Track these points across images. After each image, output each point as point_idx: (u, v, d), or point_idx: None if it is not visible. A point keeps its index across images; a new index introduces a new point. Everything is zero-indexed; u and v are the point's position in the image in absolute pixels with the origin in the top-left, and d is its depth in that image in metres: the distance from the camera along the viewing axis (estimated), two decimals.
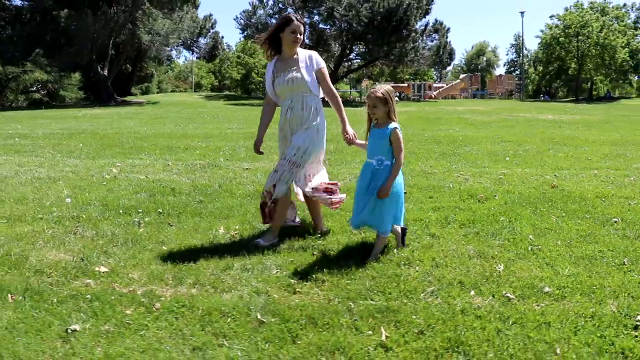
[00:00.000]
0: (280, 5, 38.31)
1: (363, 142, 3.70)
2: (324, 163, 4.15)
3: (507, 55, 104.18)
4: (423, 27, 36.44)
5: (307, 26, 3.95)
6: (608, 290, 2.97)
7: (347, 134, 3.77)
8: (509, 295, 2.92)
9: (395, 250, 3.58)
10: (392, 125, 3.41)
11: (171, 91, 61.03)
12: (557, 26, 42.50)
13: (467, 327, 2.53)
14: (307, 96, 3.80)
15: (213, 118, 17.42)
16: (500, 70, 76.24)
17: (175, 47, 34.58)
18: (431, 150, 8.96)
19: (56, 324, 2.50)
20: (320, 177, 4.02)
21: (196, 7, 37.71)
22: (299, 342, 2.36)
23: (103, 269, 3.30)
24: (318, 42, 33.33)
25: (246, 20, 37.05)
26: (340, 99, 3.88)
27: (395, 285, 3.05)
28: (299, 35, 3.76)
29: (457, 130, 12.64)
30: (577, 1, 45.20)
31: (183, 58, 58.74)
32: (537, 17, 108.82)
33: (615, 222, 4.41)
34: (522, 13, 42.03)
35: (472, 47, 78.32)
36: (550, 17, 44.27)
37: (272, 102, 4.01)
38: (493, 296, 2.92)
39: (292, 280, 3.10)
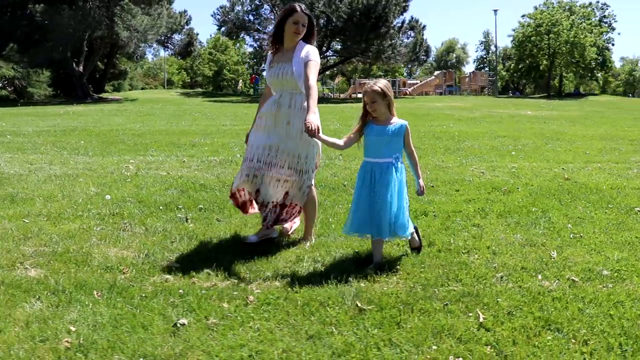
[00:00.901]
0: (257, 1, 38.26)
1: (332, 139, 3.34)
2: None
3: (476, 52, 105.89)
4: (400, 24, 36.93)
5: (312, 17, 3.69)
6: None
7: (309, 122, 3.17)
8: (573, 278, 3.12)
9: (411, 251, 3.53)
10: (402, 121, 3.29)
11: (141, 88, 60.07)
12: (529, 25, 43.56)
13: (551, 307, 2.70)
14: (296, 94, 3.61)
15: (201, 115, 17.32)
16: (469, 67, 77.68)
17: (149, 44, 34.01)
18: (435, 145, 9.19)
19: (159, 319, 2.53)
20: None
21: (170, 2, 37.25)
22: (404, 326, 2.50)
23: (174, 264, 3.35)
24: None
25: (223, 16, 36.87)
26: (315, 91, 3.42)
27: (466, 272, 3.21)
28: (300, 27, 3.57)
29: (450, 126, 12.94)
30: (546, 0, 46.45)
31: (155, 55, 57.65)
32: (509, 15, 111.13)
33: (638, 211, 4.68)
34: (495, 11, 42.91)
35: (442, 44, 79.41)
36: (523, 16, 45.42)
37: (269, 94, 3.83)
38: (558, 280, 3.11)
39: (368, 269, 3.22)
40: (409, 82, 52.50)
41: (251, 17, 37.88)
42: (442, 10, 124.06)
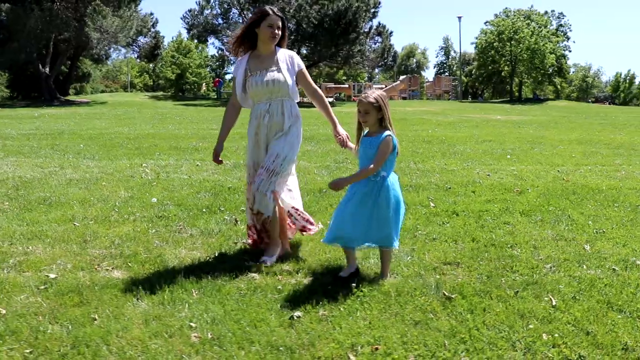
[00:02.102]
0: (225, 5, 38.13)
1: (355, 146, 3.36)
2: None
3: (436, 57, 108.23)
4: (367, 30, 37.58)
5: (287, 21, 3.62)
6: None
7: (340, 135, 3.45)
8: (614, 267, 3.51)
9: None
10: (386, 132, 3.13)
11: (102, 91, 58.76)
12: (491, 32, 45.08)
13: (607, 292, 3.08)
14: (287, 101, 3.50)
15: (183, 119, 17.29)
16: (429, 72, 79.54)
17: (114, 46, 33.36)
18: (430, 149, 9.61)
19: (270, 313, 2.72)
20: (298, 195, 3.82)
21: (136, 4, 36.71)
22: (492, 311, 2.81)
23: (249, 263, 3.54)
24: None
25: (192, 19, 36.60)
26: (326, 99, 3.59)
27: (519, 264, 3.56)
28: (276, 30, 3.44)
29: (435, 131, 13.43)
30: (506, 8, 48.22)
31: (115, 57, 56.49)
32: (470, 22, 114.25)
33: None
34: (459, 18, 44.15)
35: (402, 49, 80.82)
36: (485, 22, 46.95)
37: (238, 104, 3.64)
38: (601, 269, 3.50)
39: (433, 264, 3.53)
40: (375, 86, 53.38)
41: (220, 21, 37.74)
42: (405, 16, 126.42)
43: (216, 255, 3.72)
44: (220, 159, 3.74)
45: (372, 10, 34.61)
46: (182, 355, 2.30)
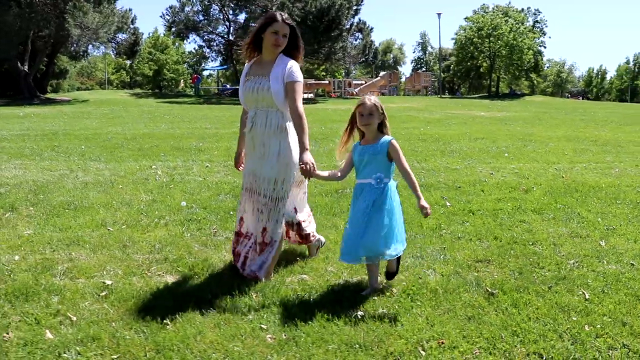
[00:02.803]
0: (206, 1, 37.95)
1: (328, 172, 3.29)
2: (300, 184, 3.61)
3: (414, 53, 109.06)
4: (348, 27, 37.83)
5: (296, 28, 3.43)
6: None
7: (304, 163, 3.05)
8: (632, 262, 3.79)
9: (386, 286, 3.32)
10: (387, 137, 3.10)
11: (77, 88, 57.80)
12: (470, 28, 45.77)
13: (632, 285, 3.34)
14: (272, 112, 3.31)
15: (174, 118, 17.26)
16: (406, 67, 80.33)
17: (95, 43, 32.87)
18: (427, 148, 9.88)
19: (334, 313, 2.89)
20: (307, 209, 3.75)
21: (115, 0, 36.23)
22: (532, 305, 3.05)
23: (291, 264, 3.71)
24: None
25: (172, 16, 36.34)
26: (305, 121, 3.22)
27: (544, 260, 3.81)
28: (281, 38, 3.31)
29: (427, 129, 13.73)
30: (483, 4, 49.03)
31: (99, 53, 55.66)
32: (450, 18, 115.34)
33: None
34: (439, 15, 44.69)
35: (380, 45, 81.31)
36: (465, 19, 47.63)
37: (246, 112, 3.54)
38: (620, 264, 3.77)
39: (466, 262, 3.76)
40: (354, 82, 53.67)
41: (201, 17, 37.53)
42: (381, 13, 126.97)
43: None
44: (240, 165, 3.71)
45: (355, 7, 34.83)
46: (266, 356, 2.47)
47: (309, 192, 4.01)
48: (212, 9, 38.35)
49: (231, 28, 37.92)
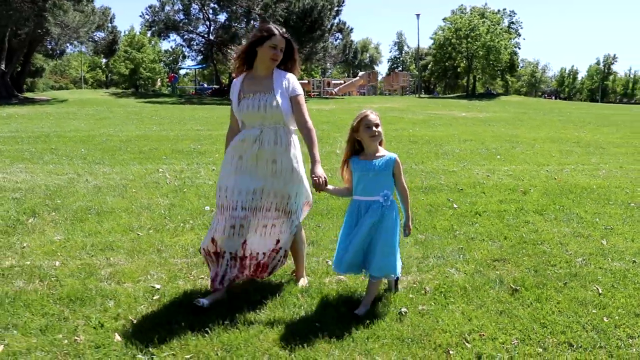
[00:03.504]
0: (186, 1, 37.71)
1: (339, 188, 3.27)
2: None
3: (390, 52, 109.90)
4: (329, 27, 38.14)
5: (292, 41, 3.36)
6: None
7: (317, 176, 3.05)
8: (634, 260, 4.15)
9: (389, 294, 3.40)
10: (392, 155, 3.09)
11: (51, 87, 56.78)
12: (449, 29, 46.55)
13: (638, 281, 3.68)
14: (281, 128, 3.27)
15: (163, 119, 17.26)
16: (383, 66, 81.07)
17: (75, 42, 32.42)
18: (420, 150, 10.21)
19: (378, 311, 3.17)
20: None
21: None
22: (553, 299, 3.36)
23: (325, 265, 3.97)
24: (232, 40, 33.50)
25: (152, 16, 36.05)
26: (315, 133, 3.26)
27: (554, 258, 4.14)
28: (279, 52, 3.25)
29: (415, 130, 14.08)
30: (461, 5, 49.91)
31: (76, 51, 54.74)
32: (428, 19, 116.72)
33: (633, 205, 5.90)
34: (417, 15, 45.24)
35: (356, 44, 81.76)
36: (443, 19, 48.40)
37: (237, 128, 3.41)
38: (623, 262, 4.12)
39: (485, 261, 4.07)
40: (333, 82, 54.00)
41: (181, 16, 37.31)
42: (357, 12, 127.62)
43: (291, 260, 4.09)
44: None
45: (336, 8, 35.11)
46: (329, 351, 2.71)
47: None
48: (192, 8, 38.15)
49: (211, 27, 37.76)
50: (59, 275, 3.76)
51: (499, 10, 50.68)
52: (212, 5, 36.91)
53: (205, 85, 57.21)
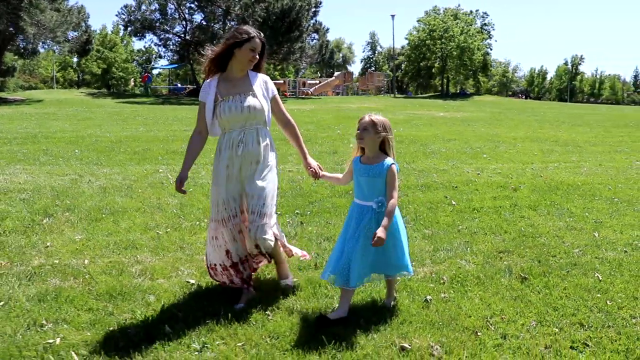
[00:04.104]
0: (162, 0, 37.49)
1: (333, 175, 3.39)
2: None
3: (363, 52, 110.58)
4: (307, 28, 38.39)
5: (266, 44, 3.42)
6: None
7: (311, 167, 3.34)
8: (625, 250, 4.51)
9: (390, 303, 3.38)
10: (390, 160, 3.05)
11: (21, 86, 55.43)
12: (423, 30, 47.30)
13: (633, 268, 4.04)
14: (261, 128, 3.31)
15: (147, 120, 17.24)
16: (355, 66, 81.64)
17: (49, 42, 31.89)
18: (408, 150, 10.53)
19: (404, 299, 3.46)
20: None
21: None
22: (560, 286, 3.67)
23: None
24: (211, 40, 33.44)
25: (128, 15, 35.71)
26: (298, 129, 3.42)
27: (554, 249, 4.48)
28: (257, 55, 3.31)
29: (400, 130, 14.43)
30: (435, 6, 50.81)
31: (48, 50, 53.62)
32: (402, 19, 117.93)
33: (617, 200, 6.32)
34: (392, 16, 45.82)
35: (330, 44, 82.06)
36: (418, 21, 49.13)
37: (206, 132, 3.38)
38: (616, 252, 4.48)
39: (492, 252, 4.37)
40: (309, 82, 54.23)
41: (158, 16, 37.06)
42: (330, 11, 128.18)
43: (314, 255, 4.31)
44: (183, 188, 3.41)
45: (313, 9, 35.38)
46: (372, 336, 2.97)
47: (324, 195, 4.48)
48: (168, 8, 37.94)
49: (188, 27, 37.60)
50: (91, 272, 3.91)
51: (471, 12, 51.75)
52: (188, 5, 36.76)
53: (179, 85, 56.79)
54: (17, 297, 3.45)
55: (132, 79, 70.88)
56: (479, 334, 2.97)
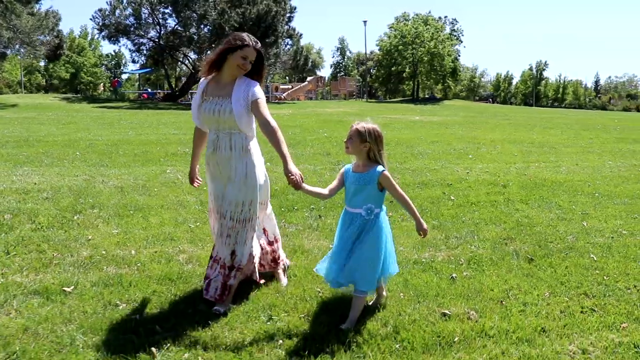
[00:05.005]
0: (134, 4, 37.26)
1: (316, 189, 3.21)
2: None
3: (332, 57, 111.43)
4: (281, 33, 38.78)
5: (262, 53, 3.43)
6: None
7: (291, 174, 3.04)
8: (612, 236, 5.12)
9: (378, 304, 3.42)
10: (380, 168, 3.05)
11: None
12: (395, 35, 48.35)
13: (621, 250, 4.63)
14: (235, 134, 3.32)
15: (133, 124, 17.32)
16: (325, 71, 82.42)
17: (33, 46, 31.32)
18: (397, 151, 11.07)
19: (432, 278, 3.96)
20: (275, 230, 3.81)
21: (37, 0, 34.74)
22: (563, 266, 4.23)
23: None
24: (189, 44, 33.58)
25: (102, 19, 35.40)
26: (279, 132, 3.22)
27: (550, 236, 5.04)
28: (248, 63, 3.33)
29: (383, 133, 14.95)
30: (404, 12, 52.00)
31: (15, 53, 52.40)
32: (372, 25, 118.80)
33: (598, 195, 6.98)
34: (365, 22, 46.82)
35: (302, 49, 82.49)
36: (389, 27, 50.15)
37: (200, 129, 3.57)
38: (604, 238, 5.08)
39: (497, 239, 4.91)
40: (282, 87, 54.57)
41: (132, 20, 36.83)
42: (302, 17, 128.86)
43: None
44: (195, 181, 3.72)
45: (288, 14, 35.82)
46: (418, 302, 3.44)
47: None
48: (142, 13, 37.74)
49: (162, 32, 37.48)
50: (142, 261, 4.25)
51: (440, 18, 53.11)
52: (162, 10, 36.68)
53: (149, 90, 56.38)
54: (82, 283, 3.78)
55: (102, 84, 70.00)
56: (503, 302, 3.48)
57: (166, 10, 35.70)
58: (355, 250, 3.05)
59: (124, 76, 75.81)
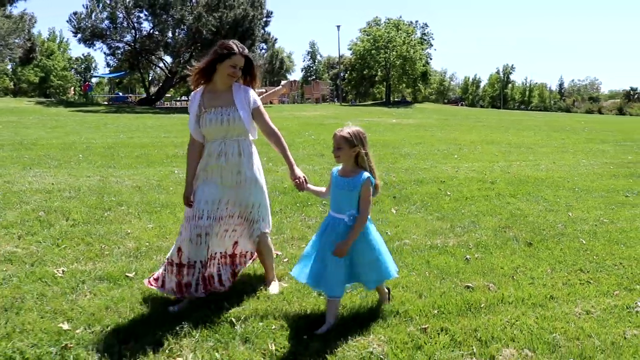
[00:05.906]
0: (109, 8, 37.08)
1: (317, 188, 3.38)
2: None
3: (303, 61, 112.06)
4: (257, 38, 39.15)
5: (252, 58, 3.49)
6: None
7: (297, 178, 3.29)
8: (595, 224, 5.80)
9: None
10: (366, 174, 3.03)
11: None
12: (367, 40, 49.26)
13: (606, 235, 5.30)
14: (242, 140, 3.44)
15: (117, 127, 17.50)
16: (295, 75, 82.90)
17: (9, 49, 30.79)
18: (384, 153, 11.67)
19: (449, 261, 4.54)
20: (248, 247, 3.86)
21: (12, 2, 34.25)
22: (557, 249, 4.86)
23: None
24: (165, 49, 33.65)
25: (78, 23, 35.11)
26: (283, 139, 3.46)
27: (543, 224, 5.69)
28: (238, 70, 3.39)
29: (368, 135, 15.56)
30: (376, 17, 53.03)
31: None
32: (346, 29, 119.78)
33: (578, 190, 7.71)
34: (338, 27, 47.53)
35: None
36: (362, 31, 51.02)
37: (198, 142, 3.49)
38: (589, 225, 5.75)
39: (496, 227, 5.53)
40: (257, 90, 54.70)
41: (108, 23, 36.63)
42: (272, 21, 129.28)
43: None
44: (191, 201, 3.50)
45: (265, 19, 36.22)
46: (441, 279, 4.00)
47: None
48: (117, 17, 37.56)
49: (137, 36, 37.38)
50: None
51: (411, 22, 54.27)
52: (137, 13, 36.61)
53: (121, 94, 55.91)
54: (141, 270, 4.20)
55: (72, 88, 68.96)
56: (514, 277, 4.08)
57: (141, 15, 35.69)
58: (356, 259, 3.09)
59: (94, 80, 74.92)
